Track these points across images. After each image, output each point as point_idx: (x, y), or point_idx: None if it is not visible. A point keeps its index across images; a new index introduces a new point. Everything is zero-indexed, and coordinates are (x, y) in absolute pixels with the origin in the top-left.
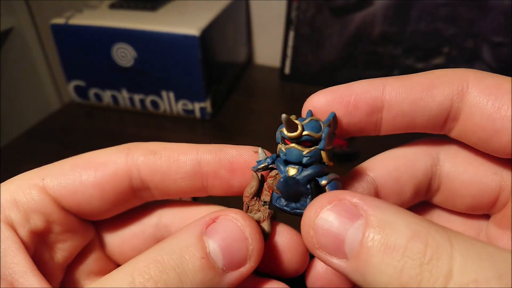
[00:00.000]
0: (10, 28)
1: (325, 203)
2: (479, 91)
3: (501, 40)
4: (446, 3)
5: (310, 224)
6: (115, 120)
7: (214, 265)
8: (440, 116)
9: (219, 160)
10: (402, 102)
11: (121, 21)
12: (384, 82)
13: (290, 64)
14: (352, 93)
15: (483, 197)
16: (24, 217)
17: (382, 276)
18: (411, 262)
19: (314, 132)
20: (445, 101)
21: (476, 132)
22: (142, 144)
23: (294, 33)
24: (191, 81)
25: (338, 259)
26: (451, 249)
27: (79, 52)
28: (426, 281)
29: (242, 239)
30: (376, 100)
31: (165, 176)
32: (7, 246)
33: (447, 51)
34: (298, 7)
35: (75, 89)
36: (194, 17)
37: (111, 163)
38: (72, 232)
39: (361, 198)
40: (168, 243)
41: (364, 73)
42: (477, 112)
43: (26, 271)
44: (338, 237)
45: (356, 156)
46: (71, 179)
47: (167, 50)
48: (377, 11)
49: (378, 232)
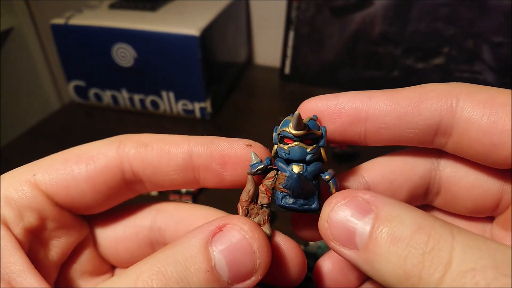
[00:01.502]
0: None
1: (340, 199)
2: (472, 106)
3: (501, 40)
4: (446, 3)
5: (325, 218)
6: (115, 120)
7: (219, 278)
8: (427, 131)
9: (210, 153)
10: (386, 115)
11: (121, 21)
12: (370, 94)
13: (290, 64)
14: (337, 103)
15: (485, 201)
16: (17, 214)
17: (388, 265)
18: (414, 251)
19: (317, 130)
20: (432, 116)
21: (473, 147)
22: (134, 136)
23: (294, 33)
24: (191, 81)
25: (349, 249)
26: (452, 241)
27: (79, 52)
28: (427, 268)
29: (250, 252)
30: (359, 112)
31: (157, 169)
32: (3, 245)
33: (447, 51)
34: (298, 7)
35: (75, 89)
36: (194, 17)
37: (102, 156)
38: (66, 228)
39: (373, 195)
40: (173, 251)
41: (364, 73)
42: (472, 128)
43: (23, 270)
44: (350, 229)
45: (356, 156)
46: (63, 174)
47: (167, 50)
48: (377, 11)
49: (386, 225)
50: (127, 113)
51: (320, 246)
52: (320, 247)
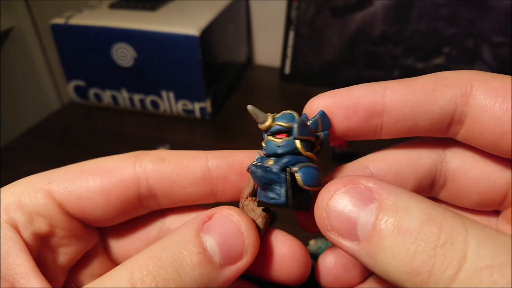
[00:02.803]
0: (10, 28)
1: (340, 186)
2: (485, 93)
3: (501, 40)
4: (446, 3)
5: (323, 207)
6: (115, 120)
7: (212, 259)
8: (443, 120)
9: (229, 165)
10: (404, 106)
11: (121, 21)
12: (385, 85)
13: (290, 64)
14: (351, 98)
15: (491, 194)
16: (28, 219)
17: (394, 259)
18: (424, 245)
19: (285, 122)
20: (448, 104)
21: (485, 135)
22: (150, 152)
23: (294, 33)
24: (191, 81)
25: (350, 241)
26: (466, 234)
27: (79, 52)
28: (439, 264)
29: (238, 233)
30: (376, 105)
31: (174, 182)
32: (10, 246)
33: (447, 51)
34: (298, 7)
35: (75, 89)
36: (194, 17)
37: (119, 170)
38: (75, 237)
39: (376, 183)
40: (166, 240)
41: (364, 73)
42: (485, 115)
43: (28, 272)
44: (351, 219)
45: (356, 156)
46: (77, 184)
47: (167, 50)
48: (377, 11)
49: (391, 215)
50: (127, 113)
51: (320, 246)
52: (320, 247)
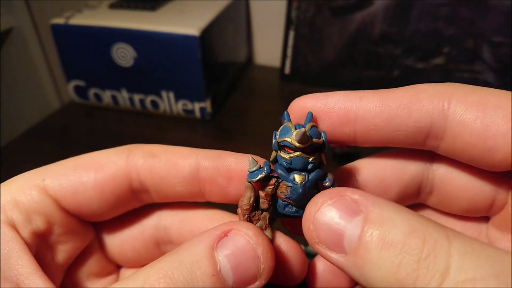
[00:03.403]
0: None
1: (326, 199)
2: (465, 109)
3: (501, 40)
4: (446, 3)
5: (311, 219)
6: (115, 120)
7: (224, 282)
8: (418, 134)
9: (217, 167)
10: (375, 116)
11: (121, 21)
12: (360, 95)
13: (290, 64)
14: (326, 103)
15: (479, 201)
16: (25, 218)
17: (380, 271)
18: (408, 258)
19: (317, 138)
20: (423, 119)
21: (467, 150)
22: (143, 146)
23: (294, 33)
24: (191, 81)
25: (336, 253)
26: (449, 247)
27: (79, 52)
28: (422, 277)
29: (254, 257)
30: (348, 113)
31: (164, 180)
32: (12, 247)
33: (447, 51)
34: (298, 7)
35: (75, 89)
36: (194, 17)
37: (112, 165)
38: (72, 233)
39: (362, 195)
40: (179, 256)
41: (364, 73)
42: (466, 131)
43: (31, 272)
44: (338, 232)
45: (356, 156)
46: (72, 180)
47: (167, 50)
48: (377, 11)
49: (376, 228)
50: (127, 113)
51: None
52: None
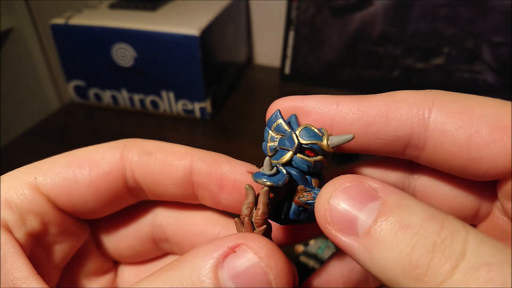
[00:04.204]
0: (10, 28)
1: (346, 181)
2: (446, 118)
3: (501, 40)
4: (446, 3)
5: (327, 198)
6: (115, 120)
7: None
8: (396, 143)
9: (210, 173)
10: (352, 123)
11: (121, 21)
12: (338, 100)
13: (290, 64)
14: (303, 106)
15: (462, 210)
16: (19, 218)
17: (392, 252)
18: (424, 239)
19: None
20: (401, 128)
21: (449, 161)
22: (139, 142)
23: (294, 33)
24: (191, 81)
25: (347, 236)
26: (466, 234)
27: (79, 52)
28: (437, 259)
29: (265, 282)
30: (324, 118)
31: (156, 180)
32: (6, 250)
33: (447, 51)
34: (298, 7)
35: (75, 89)
36: (194, 17)
37: (106, 161)
38: (68, 232)
39: (381, 184)
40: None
41: (364, 73)
42: (448, 141)
43: (27, 276)
44: (352, 214)
45: (356, 157)
46: (65, 178)
47: (167, 50)
48: (377, 11)
49: (394, 212)
50: (127, 113)
51: (320, 246)
52: (320, 248)
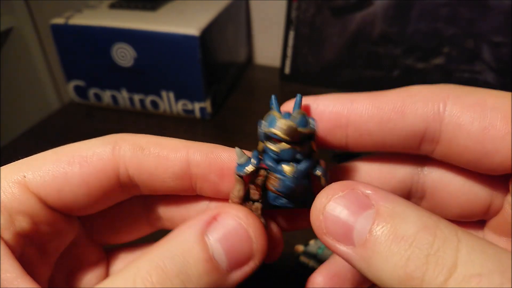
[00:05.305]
0: (10, 28)
1: (338, 191)
2: (461, 111)
3: (501, 40)
4: (446, 3)
5: (321, 209)
6: (115, 120)
7: (218, 266)
8: (413, 138)
9: (209, 164)
10: (368, 121)
11: (121, 21)
12: (352, 98)
13: (290, 64)
14: (316, 107)
15: (474, 205)
16: (7, 219)
17: (388, 264)
18: (418, 252)
19: (305, 128)
20: (417, 122)
21: (463, 154)
22: (130, 137)
23: (294, 33)
24: (191, 81)
25: (344, 245)
26: (457, 243)
27: (79, 52)
28: (431, 271)
29: (246, 238)
30: (340, 117)
31: (153, 175)
32: None
33: (447, 51)
34: (298, 7)
35: (75, 89)
36: (194, 17)
37: (97, 158)
38: (58, 229)
39: (373, 190)
40: (169, 245)
41: (364, 73)
42: (462, 135)
43: (16, 277)
44: (347, 224)
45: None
46: (55, 175)
47: (167, 50)
48: (377, 11)
49: (388, 222)
50: (127, 113)
51: (320, 246)
52: (320, 247)
